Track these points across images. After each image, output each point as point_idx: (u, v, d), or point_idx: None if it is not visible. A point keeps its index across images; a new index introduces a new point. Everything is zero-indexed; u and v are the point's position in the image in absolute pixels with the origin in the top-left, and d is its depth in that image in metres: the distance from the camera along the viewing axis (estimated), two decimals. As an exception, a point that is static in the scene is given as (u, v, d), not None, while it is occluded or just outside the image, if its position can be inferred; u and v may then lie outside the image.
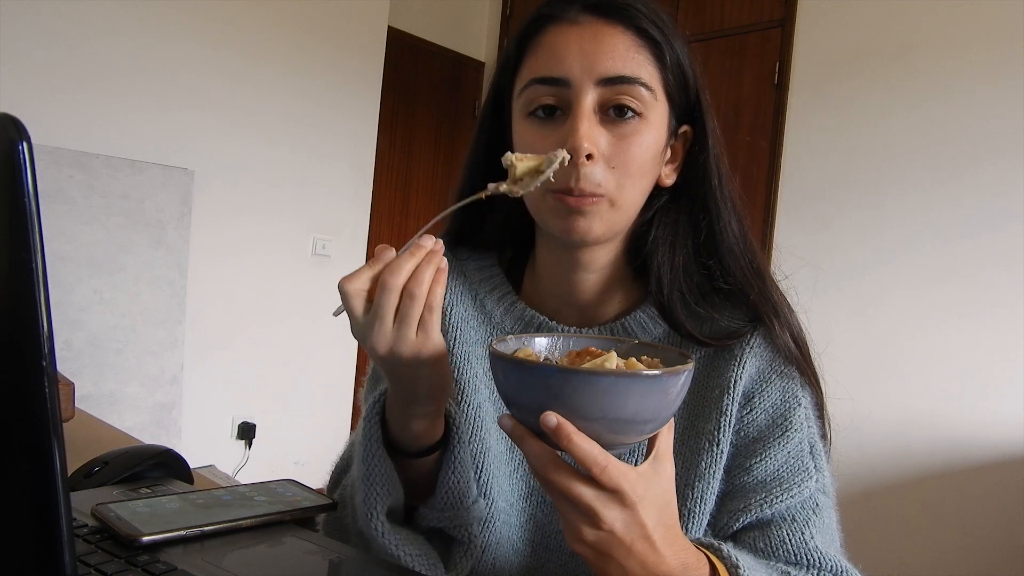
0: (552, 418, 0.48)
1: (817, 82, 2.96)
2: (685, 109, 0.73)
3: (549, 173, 0.61)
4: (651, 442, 0.54)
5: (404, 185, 3.91)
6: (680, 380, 0.50)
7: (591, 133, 0.66)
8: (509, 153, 0.63)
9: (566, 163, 0.62)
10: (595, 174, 0.66)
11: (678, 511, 0.56)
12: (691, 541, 0.59)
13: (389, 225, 3.83)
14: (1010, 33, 2.50)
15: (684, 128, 0.74)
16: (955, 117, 2.62)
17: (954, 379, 2.58)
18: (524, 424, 0.51)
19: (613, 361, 0.52)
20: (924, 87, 2.68)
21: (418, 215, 3.97)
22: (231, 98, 2.98)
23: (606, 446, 0.50)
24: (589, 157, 0.66)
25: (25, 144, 0.37)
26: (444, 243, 0.82)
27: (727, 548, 0.61)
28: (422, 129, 3.95)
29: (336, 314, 0.61)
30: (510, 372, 0.52)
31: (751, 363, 0.72)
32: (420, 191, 3.98)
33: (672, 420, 0.55)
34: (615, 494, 0.49)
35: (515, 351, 0.57)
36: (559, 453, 0.50)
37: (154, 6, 2.74)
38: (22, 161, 0.36)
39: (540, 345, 0.60)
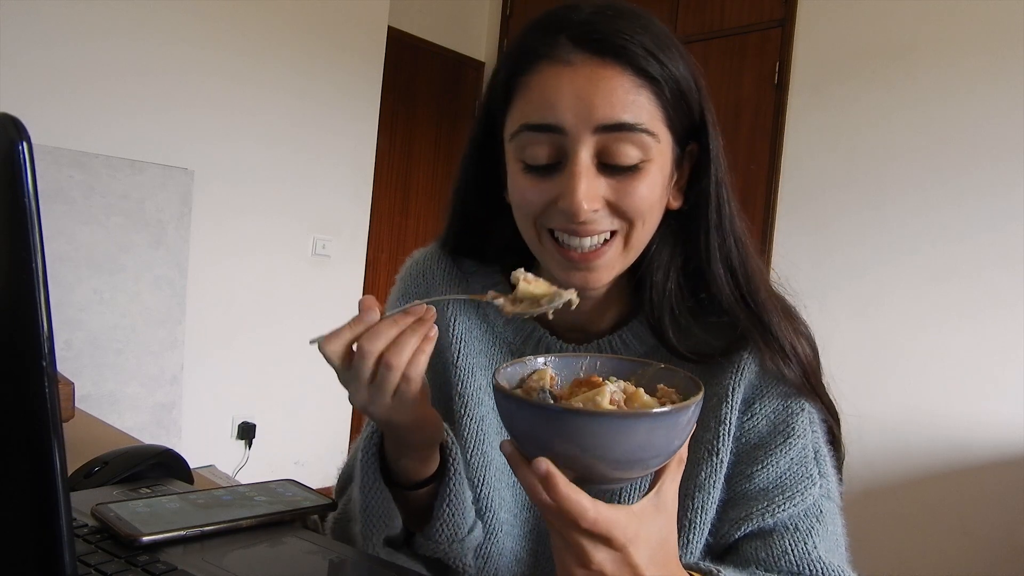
0: (542, 465, 0.47)
1: (817, 82, 2.96)
2: (690, 130, 0.69)
3: (547, 310, 0.58)
4: (656, 475, 0.53)
5: (404, 185, 3.91)
6: (677, 417, 0.48)
7: (590, 190, 0.62)
8: (521, 271, 0.60)
9: (572, 306, 0.58)
10: (601, 221, 0.64)
11: (678, 522, 0.55)
12: (689, 567, 0.58)
13: (389, 225, 3.83)
14: (1010, 33, 2.50)
15: (691, 146, 0.70)
16: (955, 117, 2.61)
17: (954, 379, 2.58)
18: (522, 451, 0.50)
19: (606, 396, 0.51)
20: (924, 87, 2.68)
21: (418, 215, 3.97)
22: (231, 98, 2.98)
23: (604, 481, 0.49)
24: (595, 211, 0.63)
25: (25, 144, 0.37)
26: (447, 252, 0.81)
27: (726, 574, 0.60)
28: (422, 129, 3.95)
29: (312, 343, 0.58)
30: (504, 404, 0.51)
31: (749, 370, 0.71)
32: (420, 191, 3.98)
33: (684, 452, 0.54)
34: (604, 538, 0.48)
35: (532, 372, 0.56)
36: None
37: (154, 6, 2.74)
38: (22, 161, 0.36)
39: (557, 365, 0.58)
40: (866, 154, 2.82)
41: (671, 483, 0.52)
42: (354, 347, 0.57)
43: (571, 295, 0.58)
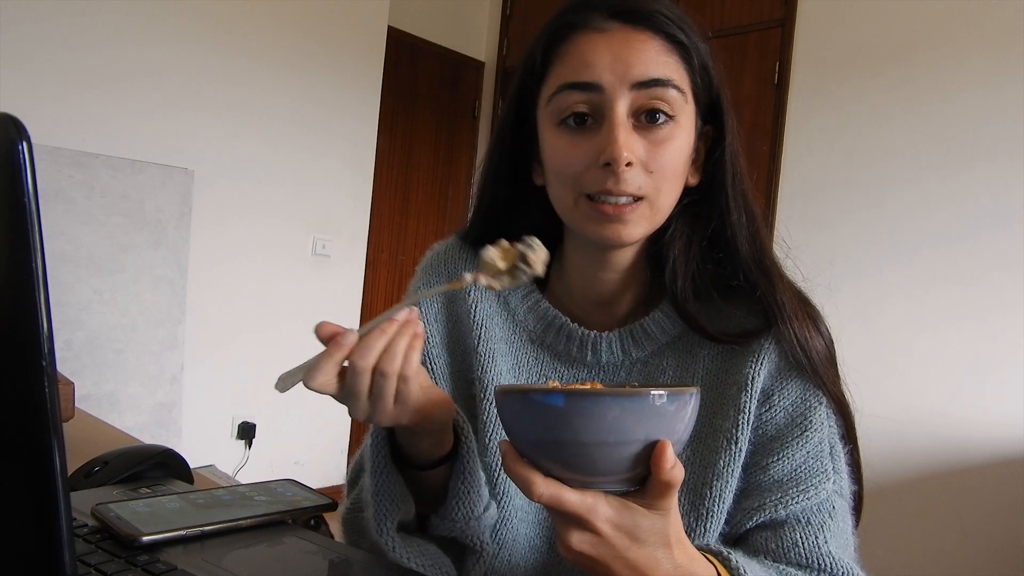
0: (503, 444, 0.51)
1: (817, 82, 2.96)
2: (708, 109, 0.74)
3: (522, 277, 0.59)
4: (650, 483, 0.50)
5: (404, 185, 3.91)
6: (640, 404, 0.47)
7: (629, 141, 0.66)
8: (489, 247, 0.60)
9: (533, 257, 0.59)
10: (635, 178, 0.67)
11: (696, 510, 0.57)
12: (700, 549, 0.58)
13: (389, 225, 3.83)
14: (1010, 33, 2.50)
15: (706, 127, 0.75)
16: (955, 117, 2.61)
17: (954, 379, 2.58)
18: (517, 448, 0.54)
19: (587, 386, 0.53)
20: (924, 87, 2.68)
21: (418, 215, 3.97)
22: (231, 98, 2.98)
23: (587, 474, 0.49)
24: (628, 164, 0.66)
25: (25, 144, 0.36)
26: (468, 243, 0.82)
27: (736, 558, 0.60)
28: (422, 129, 3.95)
29: (279, 389, 0.57)
30: (497, 401, 0.54)
31: (770, 359, 0.71)
32: (420, 191, 3.98)
33: (680, 474, 0.50)
34: (573, 519, 0.50)
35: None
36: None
37: (154, 7, 2.74)
38: (22, 161, 0.36)
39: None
40: (866, 154, 2.82)
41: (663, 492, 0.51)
42: (345, 365, 0.57)
43: (534, 242, 0.59)
